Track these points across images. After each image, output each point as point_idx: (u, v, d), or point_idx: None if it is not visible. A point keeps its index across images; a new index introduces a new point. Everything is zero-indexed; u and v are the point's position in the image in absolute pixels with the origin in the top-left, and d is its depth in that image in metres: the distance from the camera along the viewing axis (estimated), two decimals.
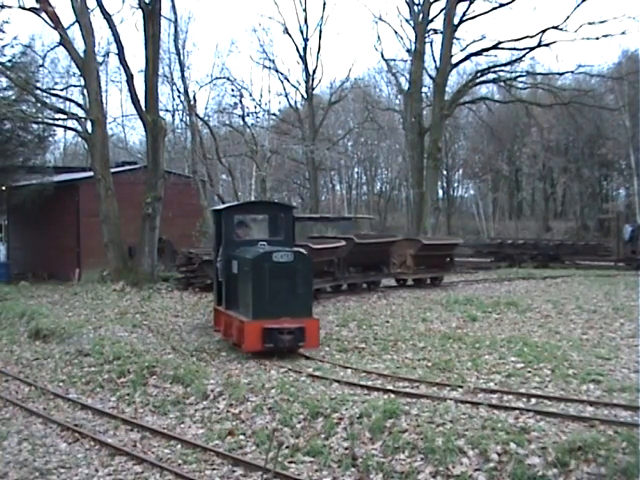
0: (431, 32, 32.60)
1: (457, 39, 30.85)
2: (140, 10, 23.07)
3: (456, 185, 60.52)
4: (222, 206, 14.69)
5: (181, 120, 41.78)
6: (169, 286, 21.52)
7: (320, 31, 46.98)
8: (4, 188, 27.86)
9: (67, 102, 30.04)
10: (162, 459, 8.07)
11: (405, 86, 37.68)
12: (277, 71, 46.31)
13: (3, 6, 25.10)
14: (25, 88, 25.32)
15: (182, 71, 31.00)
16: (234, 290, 12.61)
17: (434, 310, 16.65)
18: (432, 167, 30.85)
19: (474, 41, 31.57)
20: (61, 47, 25.82)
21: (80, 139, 35.33)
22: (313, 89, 46.98)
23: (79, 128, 26.19)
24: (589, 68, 34.37)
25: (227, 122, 35.97)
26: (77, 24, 24.45)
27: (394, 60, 40.91)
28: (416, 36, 32.34)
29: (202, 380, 10.56)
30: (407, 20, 34.55)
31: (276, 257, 11.51)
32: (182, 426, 9.25)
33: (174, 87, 37.14)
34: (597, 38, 28.95)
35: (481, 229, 50.93)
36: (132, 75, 23.72)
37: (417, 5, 32.79)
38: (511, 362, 10.81)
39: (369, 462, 7.26)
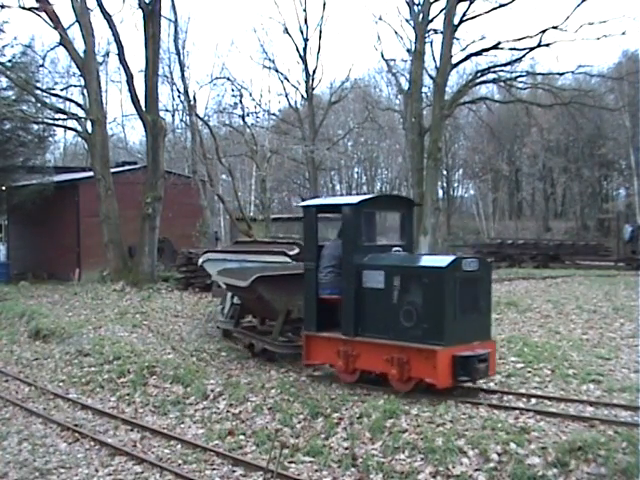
0: (431, 32, 32.55)
1: (457, 39, 30.77)
2: (140, 10, 23.05)
3: (456, 185, 60.58)
4: (341, 200, 11.43)
5: (181, 120, 41.82)
6: (169, 286, 21.52)
7: (320, 31, 46.95)
8: (4, 188, 27.88)
9: (67, 102, 30.05)
10: (162, 459, 8.08)
11: (405, 86, 37.67)
12: (277, 71, 46.33)
13: (3, 6, 25.11)
14: (25, 88, 25.32)
15: (182, 71, 31.00)
16: (374, 310, 9.42)
17: None
18: (432, 167, 30.77)
19: (474, 41, 31.52)
20: (61, 47, 25.81)
21: (80, 139, 35.35)
22: (313, 89, 46.95)
23: (79, 128, 26.18)
24: (589, 68, 34.24)
25: (227, 122, 35.93)
26: (77, 24, 24.45)
27: (394, 60, 40.91)
28: (416, 36, 32.31)
29: (202, 380, 10.57)
30: (407, 20, 34.54)
31: (465, 265, 9.08)
32: (182, 426, 9.26)
33: (174, 87, 37.18)
34: (597, 38, 28.90)
35: (481, 229, 50.94)
36: (132, 75, 23.73)
37: (417, 5, 32.76)
38: (511, 362, 10.81)
39: (369, 462, 7.26)
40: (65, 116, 28.04)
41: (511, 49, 30.68)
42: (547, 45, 29.60)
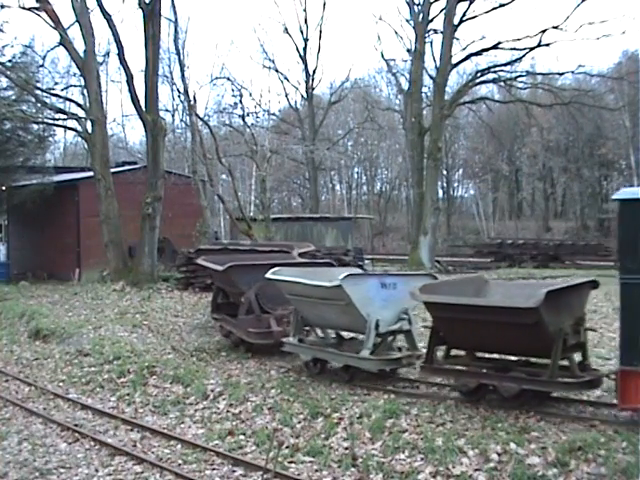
0: (431, 32, 32.59)
1: (457, 39, 30.82)
2: (140, 10, 23.02)
3: (456, 185, 60.58)
4: None
5: (181, 120, 41.85)
6: (169, 286, 21.50)
7: (320, 31, 47.31)
8: (4, 188, 27.87)
9: (67, 102, 30.01)
10: (162, 459, 8.07)
11: (405, 86, 37.74)
12: (277, 71, 46.46)
13: (3, 6, 25.11)
14: (25, 88, 25.32)
15: (182, 71, 31.01)
16: None
17: None
18: (432, 167, 30.81)
19: (474, 41, 31.69)
20: (61, 47, 25.81)
21: (80, 139, 35.32)
22: (313, 89, 47.09)
23: (79, 128, 26.16)
24: (589, 68, 34.43)
25: (227, 122, 35.99)
26: (77, 24, 24.45)
27: (394, 60, 41.06)
28: (416, 36, 32.33)
29: (202, 380, 10.57)
30: (407, 20, 34.63)
31: None
32: (182, 426, 9.25)
33: (174, 87, 37.25)
34: (597, 38, 29.03)
35: (481, 229, 50.92)
36: (132, 75, 23.66)
37: (417, 5, 32.80)
38: None
39: (369, 462, 7.26)
40: (65, 116, 28.04)
41: (511, 49, 30.74)
42: (547, 45, 29.66)
